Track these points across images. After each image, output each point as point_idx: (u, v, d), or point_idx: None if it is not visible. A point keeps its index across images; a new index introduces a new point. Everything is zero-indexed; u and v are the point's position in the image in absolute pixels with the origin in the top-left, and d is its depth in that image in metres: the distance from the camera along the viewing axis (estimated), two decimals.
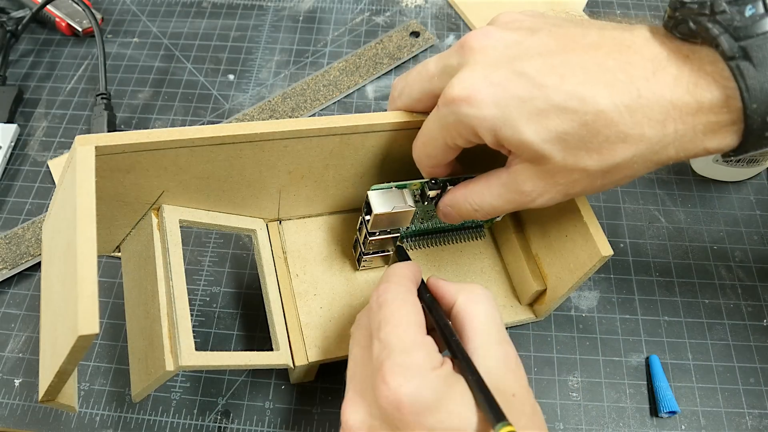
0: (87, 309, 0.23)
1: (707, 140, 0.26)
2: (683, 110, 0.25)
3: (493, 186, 0.30)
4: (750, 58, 0.24)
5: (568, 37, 0.27)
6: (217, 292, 0.42)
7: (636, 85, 0.25)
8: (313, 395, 0.38)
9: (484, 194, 0.31)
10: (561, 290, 0.36)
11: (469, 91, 0.27)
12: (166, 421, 0.37)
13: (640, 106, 0.25)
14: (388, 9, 0.58)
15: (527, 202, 0.29)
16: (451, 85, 0.28)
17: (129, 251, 0.35)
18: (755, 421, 0.37)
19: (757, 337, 0.40)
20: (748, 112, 0.25)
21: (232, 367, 0.32)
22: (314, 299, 0.37)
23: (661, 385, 0.38)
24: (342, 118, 0.32)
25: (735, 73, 0.24)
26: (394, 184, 0.33)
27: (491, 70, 0.27)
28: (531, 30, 0.28)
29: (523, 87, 0.26)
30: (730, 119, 0.25)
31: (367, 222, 0.34)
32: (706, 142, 0.26)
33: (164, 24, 0.57)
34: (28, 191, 0.46)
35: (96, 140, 0.28)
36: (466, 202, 0.32)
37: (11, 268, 0.42)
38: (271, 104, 0.51)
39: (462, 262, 0.40)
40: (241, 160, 0.32)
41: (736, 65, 0.24)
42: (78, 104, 0.51)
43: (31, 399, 0.37)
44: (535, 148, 0.27)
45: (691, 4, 0.25)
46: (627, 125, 0.26)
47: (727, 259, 0.44)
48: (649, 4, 0.60)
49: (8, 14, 0.54)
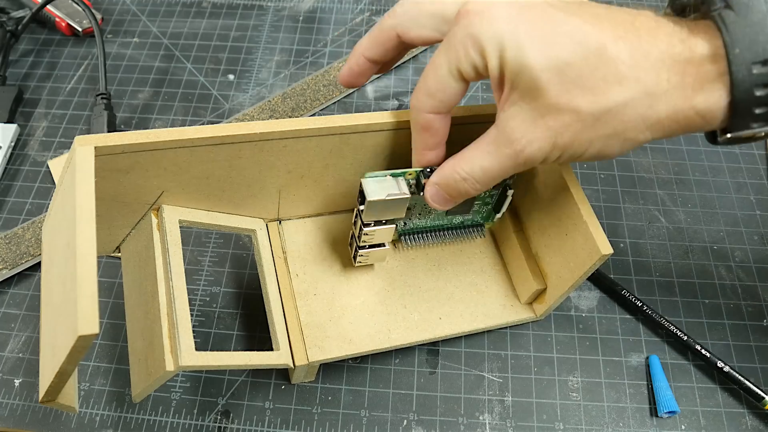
0: (87, 309, 0.23)
1: (697, 96, 0.26)
2: (675, 59, 0.26)
3: (482, 146, 0.29)
4: (731, 6, 0.25)
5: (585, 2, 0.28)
6: (217, 292, 0.42)
7: (639, 33, 0.26)
8: (313, 395, 0.38)
9: (474, 157, 0.30)
10: (561, 289, 0.36)
11: (484, 6, 0.27)
12: (166, 421, 0.37)
13: (641, 50, 0.26)
14: (388, 9, 0.58)
15: (516, 153, 0.28)
16: (467, 2, 0.28)
17: (129, 251, 0.35)
18: (755, 421, 0.37)
19: (757, 337, 0.40)
20: (730, 58, 0.25)
21: (232, 367, 0.32)
22: (314, 299, 0.37)
23: (661, 385, 0.38)
24: (341, 118, 0.32)
25: (717, 21, 0.25)
26: (389, 172, 0.33)
27: None
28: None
29: (536, 13, 0.27)
30: (717, 71, 0.26)
31: (361, 212, 0.33)
32: (695, 99, 0.26)
33: (164, 24, 0.57)
34: (28, 191, 0.46)
35: (96, 140, 0.28)
36: (454, 172, 0.30)
37: (11, 268, 0.42)
38: (271, 104, 0.51)
39: (462, 261, 0.40)
40: (241, 160, 0.32)
41: (719, 14, 0.25)
42: (78, 104, 0.51)
43: (31, 399, 0.37)
44: (534, 75, 0.26)
45: None
46: (625, 65, 0.26)
47: (727, 259, 0.44)
48: (649, 4, 0.60)
49: (8, 14, 0.54)
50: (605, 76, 0.26)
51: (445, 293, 0.38)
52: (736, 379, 0.38)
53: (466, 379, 0.39)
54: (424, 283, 0.39)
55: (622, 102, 0.27)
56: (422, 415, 0.37)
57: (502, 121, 0.28)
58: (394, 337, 0.36)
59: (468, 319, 0.38)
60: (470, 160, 0.30)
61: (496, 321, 0.38)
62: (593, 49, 0.26)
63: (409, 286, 0.38)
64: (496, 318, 0.38)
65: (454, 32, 0.28)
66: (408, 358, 0.39)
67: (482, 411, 0.38)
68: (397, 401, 0.38)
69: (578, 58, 0.26)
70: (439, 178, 0.31)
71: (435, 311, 0.38)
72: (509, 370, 0.39)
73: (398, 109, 0.34)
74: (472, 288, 0.39)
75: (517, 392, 0.38)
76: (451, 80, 0.29)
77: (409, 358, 0.39)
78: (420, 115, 0.30)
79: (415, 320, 0.37)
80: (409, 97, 0.52)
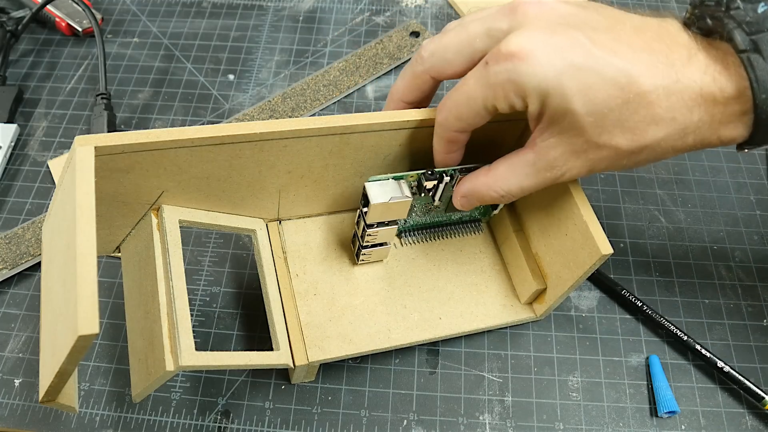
0: (87, 309, 0.23)
1: (722, 129, 0.28)
2: (708, 98, 0.27)
3: (519, 168, 0.31)
4: (760, 51, 0.26)
5: (615, 17, 0.29)
6: (217, 292, 0.42)
7: (675, 69, 0.27)
8: (313, 395, 0.38)
9: (509, 178, 0.31)
10: (561, 289, 0.36)
11: (528, 50, 0.27)
12: (166, 421, 0.37)
13: (676, 91, 0.27)
14: (388, 9, 0.58)
15: (556, 178, 0.30)
16: (507, 42, 0.28)
17: (129, 251, 0.35)
18: (755, 421, 0.37)
19: (757, 337, 0.40)
20: (757, 102, 0.26)
21: (232, 367, 0.32)
22: (314, 299, 0.37)
23: (661, 385, 0.38)
24: (341, 118, 0.32)
25: (746, 65, 0.26)
26: (391, 175, 0.34)
27: (550, 35, 0.27)
28: (580, 5, 0.29)
29: (580, 55, 0.27)
30: (742, 110, 0.27)
31: (365, 214, 0.34)
32: (720, 131, 0.28)
33: (164, 24, 0.57)
34: (28, 191, 0.46)
35: (96, 140, 0.28)
36: (490, 190, 0.32)
37: (11, 268, 0.42)
38: (271, 104, 0.51)
39: (462, 261, 0.40)
40: (241, 160, 0.32)
41: (747, 57, 0.26)
42: (78, 104, 0.51)
43: (31, 399, 0.37)
44: (577, 120, 0.27)
45: (709, 1, 0.28)
46: (662, 108, 0.27)
47: (727, 259, 0.44)
48: (649, 4, 0.60)
49: (8, 14, 0.54)
50: (644, 118, 0.27)
51: (445, 293, 0.38)
52: (736, 379, 0.38)
53: (466, 379, 0.39)
54: (424, 283, 0.39)
55: (658, 139, 0.28)
56: (422, 415, 0.37)
57: (542, 150, 0.30)
58: (394, 337, 0.36)
59: (468, 319, 0.38)
60: (507, 181, 0.31)
61: (496, 321, 0.38)
62: (634, 93, 0.27)
63: (409, 286, 0.38)
64: (496, 318, 0.38)
65: (496, 72, 0.28)
66: (408, 358, 0.39)
67: (482, 411, 0.38)
68: (397, 401, 0.38)
69: (620, 102, 0.27)
70: (470, 192, 0.33)
71: (435, 311, 0.38)
72: (509, 370, 0.39)
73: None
74: (472, 288, 0.39)
75: (517, 392, 0.38)
76: (483, 112, 0.30)
77: (409, 358, 0.39)
78: (447, 132, 0.32)
79: (415, 320, 0.37)
80: None
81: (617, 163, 0.29)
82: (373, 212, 0.33)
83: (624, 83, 0.27)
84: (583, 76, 0.27)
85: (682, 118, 0.27)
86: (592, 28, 0.28)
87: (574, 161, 0.29)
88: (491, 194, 0.32)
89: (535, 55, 0.27)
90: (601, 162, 0.29)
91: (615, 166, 0.29)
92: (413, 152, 0.36)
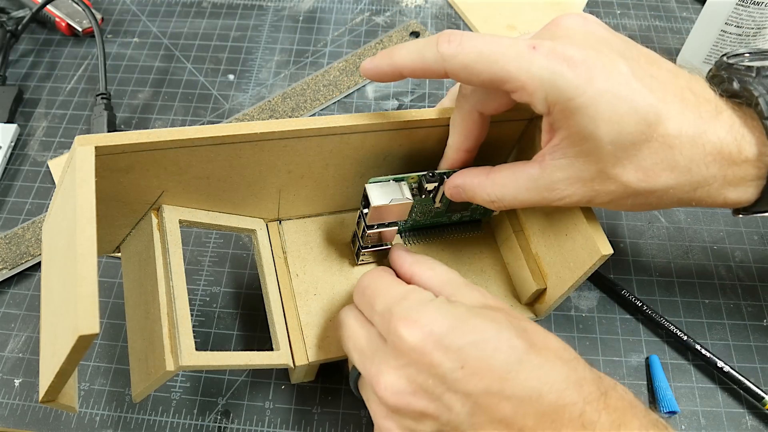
0: (87, 309, 0.23)
1: (730, 190, 0.28)
2: (726, 157, 0.27)
3: (521, 179, 0.30)
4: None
5: (652, 57, 0.29)
6: (217, 292, 0.42)
7: (703, 120, 0.27)
8: (313, 395, 0.38)
9: (508, 186, 0.30)
10: (561, 289, 0.36)
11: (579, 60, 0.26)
12: (166, 421, 0.37)
13: (700, 143, 0.27)
14: (388, 9, 0.59)
15: (553, 200, 0.30)
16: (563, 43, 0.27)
17: (129, 251, 0.35)
18: (755, 421, 0.37)
19: (757, 337, 0.40)
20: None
21: (232, 367, 0.32)
22: (314, 299, 0.37)
23: (661, 385, 0.38)
24: (341, 118, 0.32)
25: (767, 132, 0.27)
26: (392, 177, 0.34)
27: (597, 53, 0.27)
28: (613, 34, 0.28)
29: (618, 82, 0.26)
30: (757, 174, 0.27)
31: (365, 215, 0.34)
32: (727, 192, 0.28)
33: (164, 24, 0.57)
34: (28, 191, 0.46)
35: (96, 140, 0.28)
36: (484, 192, 0.31)
37: (11, 268, 0.42)
38: (271, 104, 0.51)
39: (462, 261, 0.40)
40: (241, 160, 0.32)
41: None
42: (78, 104, 0.51)
43: (31, 399, 0.37)
44: (597, 146, 0.27)
45: (738, 65, 0.28)
46: (682, 156, 0.27)
47: (727, 259, 0.44)
48: (649, 4, 0.60)
49: (8, 14, 0.54)
50: (662, 161, 0.27)
51: None
52: (736, 379, 0.38)
53: None
54: None
55: (668, 186, 0.28)
56: None
57: (549, 167, 0.29)
58: None
59: None
60: (503, 188, 0.31)
61: None
62: (659, 134, 0.27)
63: None
64: None
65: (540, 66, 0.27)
66: None
67: None
68: None
69: (642, 139, 0.27)
70: (464, 186, 0.33)
71: None
72: None
73: (398, 110, 0.34)
74: None
75: None
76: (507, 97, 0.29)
77: None
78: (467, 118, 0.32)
79: None
80: (408, 96, 0.52)
81: (619, 202, 0.29)
82: (374, 214, 0.33)
83: (652, 121, 0.26)
84: (618, 104, 0.26)
85: (697, 170, 0.27)
86: (633, 60, 0.27)
87: (577, 188, 0.29)
88: (483, 196, 0.32)
89: (587, 66, 0.26)
90: (605, 196, 0.29)
91: (616, 203, 0.29)
92: (413, 152, 0.36)
